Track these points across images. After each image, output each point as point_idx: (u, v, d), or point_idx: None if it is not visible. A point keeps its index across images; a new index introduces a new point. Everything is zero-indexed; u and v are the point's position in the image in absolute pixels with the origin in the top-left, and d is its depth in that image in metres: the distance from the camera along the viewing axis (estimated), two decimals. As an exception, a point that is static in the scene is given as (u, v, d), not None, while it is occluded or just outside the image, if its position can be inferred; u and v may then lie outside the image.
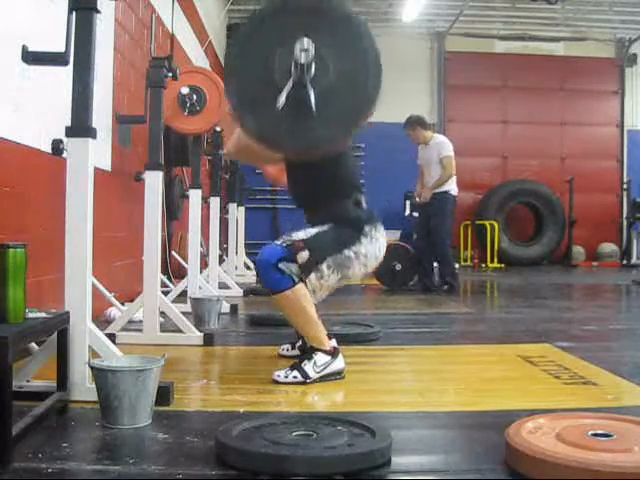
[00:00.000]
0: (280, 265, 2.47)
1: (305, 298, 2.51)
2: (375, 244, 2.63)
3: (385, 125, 9.51)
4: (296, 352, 2.85)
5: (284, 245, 2.51)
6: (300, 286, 2.50)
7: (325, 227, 2.60)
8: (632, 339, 3.73)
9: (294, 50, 2.17)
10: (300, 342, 2.84)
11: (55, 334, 2.02)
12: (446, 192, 6.05)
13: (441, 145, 6.15)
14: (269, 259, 2.49)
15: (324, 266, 2.53)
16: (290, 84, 2.21)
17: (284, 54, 2.22)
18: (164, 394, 2.06)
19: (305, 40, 2.17)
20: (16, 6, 2.92)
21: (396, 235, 7.76)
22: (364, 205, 2.73)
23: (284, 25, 2.29)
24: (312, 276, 2.52)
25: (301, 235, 2.55)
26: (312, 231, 2.58)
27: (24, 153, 3.03)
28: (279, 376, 2.46)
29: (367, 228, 2.62)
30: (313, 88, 2.21)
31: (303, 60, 2.17)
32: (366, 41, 2.28)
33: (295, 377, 2.45)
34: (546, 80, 11.26)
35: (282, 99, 2.21)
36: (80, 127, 2.07)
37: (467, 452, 1.73)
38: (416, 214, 6.73)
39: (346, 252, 2.56)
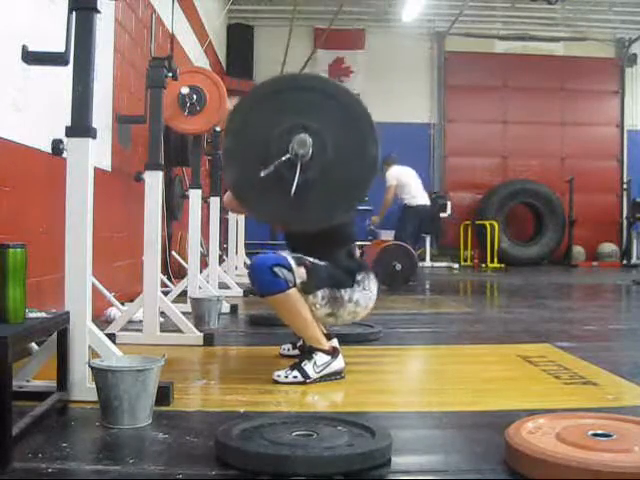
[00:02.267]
0: (275, 269, 2.45)
1: (299, 301, 2.49)
2: (367, 294, 2.62)
3: (385, 125, 9.51)
4: (297, 352, 2.85)
5: (291, 256, 2.50)
6: (294, 290, 2.47)
7: (324, 263, 2.58)
8: (632, 339, 3.73)
9: (292, 142, 2.31)
10: (301, 342, 2.84)
11: (55, 334, 2.02)
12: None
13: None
14: (265, 261, 2.47)
15: (319, 293, 2.51)
16: (282, 160, 2.32)
17: (282, 133, 2.34)
18: (164, 394, 2.06)
19: (302, 136, 2.31)
20: (16, 6, 2.92)
21: (391, 234, 7.80)
22: (357, 256, 2.76)
23: (283, 104, 2.41)
24: (308, 297, 2.51)
25: (309, 259, 2.54)
26: (316, 261, 2.56)
27: (24, 153, 3.03)
28: (279, 376, 2.46)
29: (359, 277, 2.61)
30: (306, 172, 2.32)
31: (300, 152, 2.31)
32: (363, 117, 2.38)
33: (295, 377, 2.45)
34: (546, 80, 11.26)
35: (269, 169, 2.31)
36: (80, 127, 2.07)
37: (467, 452, 1.73)
38: None
39: (342, 292, 2.55)
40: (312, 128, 2.33)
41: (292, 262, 2.48)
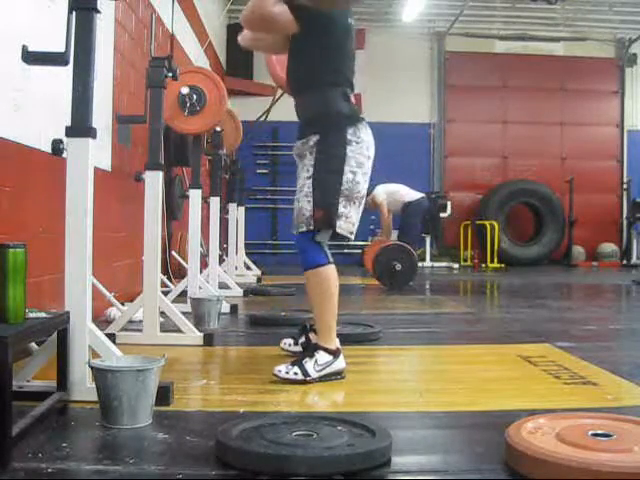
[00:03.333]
0: (317, 238, 2.54)
1: (335, 282, 2.56)
2: (362, 145, 2.60)
3: (385, 125, 9.52)
4: (298, 348, 2.83)
5: (310, 225, 2.53)
6: (333, 267, 2.56)
7: (312, 160, 2.57)
8: (632, 339, 3.73)
9: None
10: (303, 338, 2.82)
11: (55, 334, 2.02)
12: None
13: None
14: (306, 235, 2.54)
15: (341, 207, 2.55)
16: None
17: None
18: (164, 394, 2.06)
19: None
20: (16, 6, 2.92)
21: (394, 235, 7.81)
22: (352, 101, 2.69)
23: None
24: (340, 223, 2.55)
25: (305, 204, 2.54)
26: (307, 183, 2.56)
27: (24, 153, 3.03)
28: (280, 371, 2.45)
29: (349, 132, 2.58)
30: None
31: None
32: None
33: (295, 374, 2.44)
34: (546, 80, 11.26)
35: None
36: (80, 127, 2.07)
37: (467, 452, 1.73)
38: None
39: (345, 177, 2.55)
40: None
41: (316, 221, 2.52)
